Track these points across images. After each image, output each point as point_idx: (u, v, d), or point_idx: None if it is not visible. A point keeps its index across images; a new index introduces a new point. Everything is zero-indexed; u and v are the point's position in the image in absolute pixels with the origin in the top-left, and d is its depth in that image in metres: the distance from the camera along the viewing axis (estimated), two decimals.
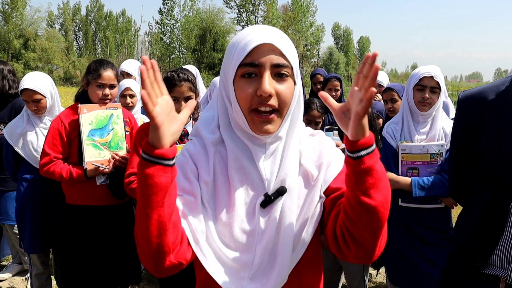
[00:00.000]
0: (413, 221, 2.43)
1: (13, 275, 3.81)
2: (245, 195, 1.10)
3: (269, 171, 1.11)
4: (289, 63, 1.06)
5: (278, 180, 1.10)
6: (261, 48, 1.04)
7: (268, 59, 1.04)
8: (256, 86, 1.04)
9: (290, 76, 1.07)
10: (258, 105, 1.04)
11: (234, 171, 1.10)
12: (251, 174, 1.11)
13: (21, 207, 2.94)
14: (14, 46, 44.62)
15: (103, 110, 2.57)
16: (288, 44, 1.07)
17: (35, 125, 2.90)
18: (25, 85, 2.74)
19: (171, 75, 2.31)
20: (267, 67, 1.04)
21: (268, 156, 1.12)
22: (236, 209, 1.09)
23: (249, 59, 1.04)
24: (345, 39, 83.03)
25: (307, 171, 1.14)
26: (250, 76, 1.05)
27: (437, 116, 2.47)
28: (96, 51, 62.98)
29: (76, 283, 2.64)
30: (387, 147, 2.56)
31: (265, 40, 1.03)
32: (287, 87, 1.06)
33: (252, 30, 1.08)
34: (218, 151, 1.14)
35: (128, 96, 3.44)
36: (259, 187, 1.11)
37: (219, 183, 1.12)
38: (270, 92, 1.02)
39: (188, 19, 54.77)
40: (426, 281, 2.37)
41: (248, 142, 1.11)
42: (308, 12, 61.77)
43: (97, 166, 2.50)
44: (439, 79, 2.40)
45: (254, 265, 1.10)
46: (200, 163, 1.13)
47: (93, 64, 2.61)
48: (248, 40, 1.05)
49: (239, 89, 1.06)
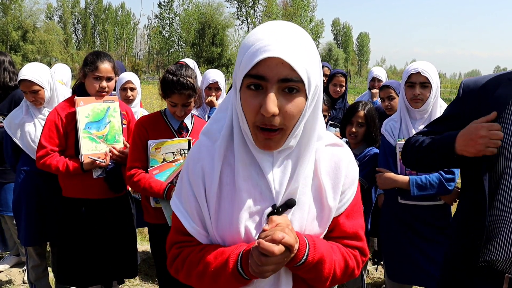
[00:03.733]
0: (412, 217, 2.44)
1: (10, 267, 3.81)
2: (252, 205, 1.06)
3: (278, 181, 1.06)
4: (300, 77, 0.96)
5: (288, 192, 1.06)
6: (269, 61, 0.95)
7: (276, 74, 0.95)
8: (261, 101, 0.97)
9: (302, 91, 0.98)
10: (262, 124, 0.99)
11: (242, 180, 1.06)
12: (260, 185, 1.06)
13: (17, 199, 2.93)
14: (13, 38, 44.45)
15: (99, 103, 2.56)
16: (301, 55, 0.96)
17: (34, 116, 2.88)
18: (23, 75, 2.73)
19: (171, 81, 2.24)
20: (274, 82, 0.95)
21: (277, 166, 1.06)
22: (241, 221, 1.05)
23: (255, 70, 0.96)
24: (344, 35, 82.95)
25: (322, 187, 1.11)
26: (256, 88, 0.98)
27: (434, 111, 2.46)
28: (95, 44, 62.75)
29: (73, 276, 2.64)
30: (385, 145, 2.55)
31: (273, 53, 0.93)
32: (294, 105, 0.98)
33: (265, 33, 0.98)
34: (226, 157, 1.09)
35: (129, 89, 3.42)
36: (268, 197, 1.06)
37: (225, 193, 1.08)
38: (273, 112, 0.95)
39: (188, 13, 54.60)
40: (424, 277, 2.38)
41: (255, 152, 1.06)
42: (307, 7, 61.64)
43: (93, 159, 2.49)
44: (427, 73, 2.38)
45: (258, 280, 1.07)
46: (205, 171, 1.10)
47: (90, 56, 2.58)
48: (258, 48, 0.95)
49: (245, 101, 1.00)
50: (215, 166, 1.09)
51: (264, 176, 1.06)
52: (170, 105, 2.32)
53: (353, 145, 2.82)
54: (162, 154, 2.30)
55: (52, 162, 2.49)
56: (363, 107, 2.77)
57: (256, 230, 1.07)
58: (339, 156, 1.14)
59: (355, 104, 2.89)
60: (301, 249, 1.02)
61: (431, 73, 2.40)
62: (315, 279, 1.08)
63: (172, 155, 2.31)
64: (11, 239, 3.81)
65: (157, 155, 2.29)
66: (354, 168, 1.16)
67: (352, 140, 2.79)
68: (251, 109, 0.99)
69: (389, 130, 2.56)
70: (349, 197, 1.15)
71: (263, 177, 1.06)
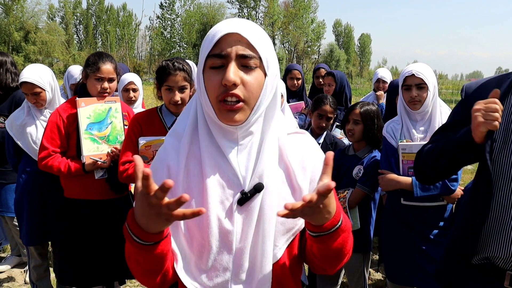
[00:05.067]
0: (415, 218, 2.43)
1: (12, 267, 3.82)
2: (221, 193, 1.07)
3: (244, 167, 1.08)
4: (257, 53, 1.03)
5: (255, 176, 1.07)
6: (228, 39, 1.02)
7: (234, 49, 1.02)
8: (222, 76, 1.01)
9: (259, 67, 1.04)
10: (225, 96, 1.02)
11: (209, 169, 1.07)
12: (227, 172, 1.08)
13: (19, 199, 2.94)
14: (15, 39, 44.52)
15: (101, 103, 2.56)
16: (257, 35, 1.04)
17: (35, 117, 2.89)
18: (24, 78, 2.72)
19: (166, 64, 2.30)
20: (233, 57, 1.01)
21: (241, 151, 1.09)
22: (211, 209, 1.05)
23: (216, 50, 1.02)
24: (346, 36, 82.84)
25: (290, 169, 1.12)
26: (218, 67, 1.03)
27: (434, 112, 2.45)
28: (97, 45, 62.83)
29: (74, 276, 2.64)
30: (387, 147, 2.55)
31: (231, 29, 1.02)
32: (254, 77, 1.03)
33: (223, 22, 1.07)
34: (192, 151, 1.10)
35: (132, 90, 3.43)
36: (236, 184, 1.08)
37: (192, 184, 1.08)
38: (234, 81, 1.00)
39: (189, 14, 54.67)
40: (426, 279, 2.38)
41: (218, 137, 1.09)
42: (309, 8, 61.66)
43: (95, 160, 2.50)
44: (421, 75, 2.38)
45: (235, 267, 1.07)
46: (170, 167, 1.11)
47: (92, 57, 2.59)
48: (216, 31, 1.03)
49: (207, 79, 1.05)
50: (179, 159, 1.10)
51: (229, 164, 1.08)
52: (166, 93, 2.32)
53: (354, 145, 2.83)
54: (152, 151, 2.29)
55: (54, 164, 2.50)
56: (361, 106, 2.79)
57: (227, 217, 1.07)
58: (303, 141, 1.18)
59: (355, 103, 2.92)
60: (337, 213, 1.01)
61: (426, 74, 2.40)
62: (340, 250, 1.06)
63: None
64: (12, 240, 3.82)
65: (147, 152, 2.28)
66: (318, 149, 1.19)
67: (350, 138, 2.81)
68: (213, 84, 1.03)
69: (391, 131, 2.56)
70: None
71: (229, 165, 1.08)
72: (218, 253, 1.07)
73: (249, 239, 1.07)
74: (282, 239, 1.11)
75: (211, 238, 1.06)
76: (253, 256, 1.08)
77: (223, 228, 1.06)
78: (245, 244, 1.07)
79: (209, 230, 1.05)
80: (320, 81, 4.73)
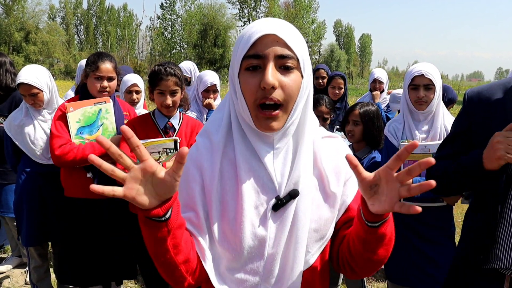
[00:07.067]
0: (415, 219, 2.42)
1: (13, 268, 3.82)
2: (256, 198, 1.05)
3: (280, 172, 1.06)
4: (295, 54, 1.01)
5: (291, 182, 1.06)
6: (265, 39, 0.99)
7: (272, 50, 0.99)
8: (260, 78, 0.99)
9: (296, 68, 1.02)
10: (263, 100, 1.00)
11: (244, 173, 1.05)
12: (262, 177, 1.06)
13: (19, 200, 2.93)
14: (15, 39, 44.56)
15: (90, 106, 2.54)
16: (294, 35, 1.02)
17: (33, 117, 2.88)
18: (21, 79, 2.70)
19: (158, 69, 2.38)
20: (271, 59, 0.99)
21: (277, 156, 1.07)
22: (246, 214, 1.04)
23: (252, 51, 1.00)
24: (346, 37, 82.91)
25: (323, 175, 1.11)
26: (254, 69, 1.01)
27: (437, 113, 2.44)
28: (97, 45, 62.89)
29: (73, 276, 2.64)
30: (389, 146, 2.54)
31: (268, 30, 0.99)
32: (292, 79, 1.01)
33: (258, 22, 1.04)
34: (226, 153, 1.09)
35: (135, 92, 3.43)
36: (270, 189, 1.06)
37: (227, 187, 1.07)
38: (273, 83, 0.97)
39: (190, 14, 54.70)
40: (425, 280, 2.37)
41: (254, 141, 1.07)
42: (309, 9, 61.70)
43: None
44: (431, 76, 2.37)
45: (265, 272, 1.07)
46: (204, 167, 1.08)
47: (91, 56, 2.61)
48: (252, 32, 1.01)
49: (244, 82, 1.02)
50: (214, 160, 1.08)
51: (265, 168, 1.06)
52: (158, 96, 2.41)
53: (354, 145, 2.83)
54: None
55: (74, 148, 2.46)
56: (360, 107, 2.79)
57: (261, 223, 1.05)
58: (336, 145, 1.17)
59: (354, 104, 2.91)
60: None
61: (435, 75, 2.39)
62: (389, 239, 1.04)
63: (158, 154, 2.30)
64: (12, 241, 3.81)
65: None
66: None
67: (350, 139, 2.81)
68: (251, 87, 1.01)
69: (392, 131, 2.55)
70: (355, 183, 1.14)
71: (264, 169, 1.06)
72: (249, 257, 1.06)
73: (282, 245, 1.06)
74: (316, 245, 1.10)
75: (244, 244, 1.04)
76: (284, 262, 1.07)
77: (257, 234, 1.05)
78: (277, 250, 1.06)
79: (242, 235, 1.04)
80: (319, 82, 4.72)
